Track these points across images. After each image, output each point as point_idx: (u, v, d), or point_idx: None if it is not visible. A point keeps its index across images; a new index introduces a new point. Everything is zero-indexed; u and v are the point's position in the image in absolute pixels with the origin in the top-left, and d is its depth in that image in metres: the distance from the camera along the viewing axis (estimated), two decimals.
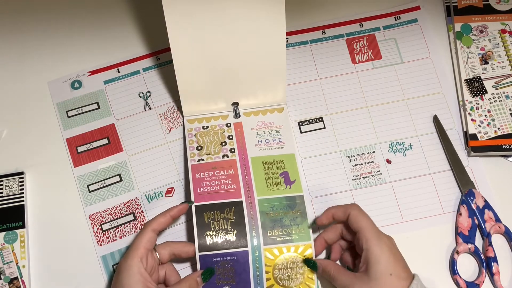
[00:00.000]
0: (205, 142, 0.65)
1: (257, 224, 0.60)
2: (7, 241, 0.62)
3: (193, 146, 0.65)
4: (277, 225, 0.60)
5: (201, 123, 0.67)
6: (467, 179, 0.64)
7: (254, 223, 0.60)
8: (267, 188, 0.62)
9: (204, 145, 0.65)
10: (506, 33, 0.70)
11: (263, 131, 0.66)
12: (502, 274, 0.60)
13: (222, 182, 0.62)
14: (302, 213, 0.61)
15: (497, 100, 0.67)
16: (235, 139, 0.65)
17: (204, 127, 0.66)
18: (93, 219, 0.64)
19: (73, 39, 0.72)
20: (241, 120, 0.67)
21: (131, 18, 0.73)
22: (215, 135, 0.66)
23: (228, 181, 0.62)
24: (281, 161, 0.64)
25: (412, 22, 0.73)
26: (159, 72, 0.70)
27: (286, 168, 0.63)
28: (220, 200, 0.61)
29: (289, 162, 0.64)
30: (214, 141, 0.65)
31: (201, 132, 0.66)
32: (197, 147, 0.65)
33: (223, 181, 0.62)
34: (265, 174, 0.63)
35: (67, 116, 0.69)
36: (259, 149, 0.65)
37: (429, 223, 0.63)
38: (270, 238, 0.59)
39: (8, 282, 0.61)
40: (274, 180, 0.63)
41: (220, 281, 0.58)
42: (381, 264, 0.52)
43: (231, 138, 0.65)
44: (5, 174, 0.65)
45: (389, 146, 0.67)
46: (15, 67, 0.71)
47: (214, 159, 0.64)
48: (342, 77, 0.70)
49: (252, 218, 0.60)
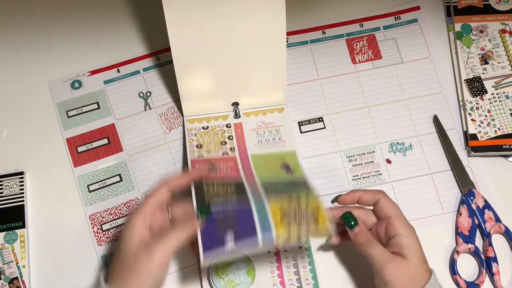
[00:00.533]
0: (205, 141, 0.65)
1: (259, 192, 0.56)
2: (7, 241, 0.62)
3: (193, 145, 0.64)
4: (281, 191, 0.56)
5: (201, 123, 0.67)
6: (467, 179, 0.64)
7: (256, 191, 0.56)
8: (269, 177, 0.60)
9: (204, 144, 0.65)
10: (506, 33, 0.70)
11: (263, 131, 0.66)
12: (502, 274, 0.60)
13: (222, 172, 0.61)
14: (308, 192, 0.56)
15: (497, 100, 0.67)
16: (235, 139, 0.65)
17: (204, 127, 0.66)
18: (93, 219, 0.64)
19: (73, 39, 0.72)
20: (241, 120, 0.67)
21: (131, 18, 0.74)
22: (215, 135, 0.66)
23: (228, 171, 0.61)
24: (282, 157, 0.63)
25: (412, 22, 0.73)
26: (159, 72, 0.70)
27: (287, 161, 0.63)
28: (219, 180, 0.58)
29: (290, 157, 0.63)
30: (214, 140, 0.65)
31: (201, 132, 0.66)
32: (197, 145, 0.65)
33: (223, 171, 0.61)
34: (266, 167, 0.62)
35: (67, 116, 0.69)
36: (259, 148, 0.65)
37: (429, 223, 0.63)
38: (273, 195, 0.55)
39: (8, 282, 0.61)
40: (275, 172, 0.61)
41: (221, 230, 0.51)
42: (417, 250, 0.53)
43: (231, 139, 0.65)
44: (5, 174, 0.65)
45: (389, 146, 0.67)
46: (15, 67, 0.71)
47: (214, 156, 0.64)
48: (342, 77, 0.70)
49: (253, 189, 0.56)
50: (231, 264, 0.61)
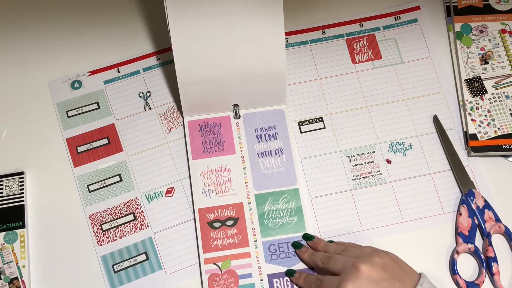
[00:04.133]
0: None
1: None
2: (7, 241, 0.62)
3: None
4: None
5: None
6: (467, 179, 0.64)
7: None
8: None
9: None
10: (506, 33, 0.70)
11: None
12: (502, 274, 0.60)
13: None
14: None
15: (497, 100, 0.67)
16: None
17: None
18: (93, 219, 0.64)
19: (73, 39, 0.72)
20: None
21: (131, 18, 0.73)
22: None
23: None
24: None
25: (412, 22, 0.73)
26: (159, 72, 0.70)
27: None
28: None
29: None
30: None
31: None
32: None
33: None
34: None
35: (67, 116, 0.69)
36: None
37: (429, 223, 0.63)
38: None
39: (8, 282, 0.61)
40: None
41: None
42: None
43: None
44: (5, 174, 0.65)
45: (389, 146, 0.67)
46: (15, 67, 0.71)
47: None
48: (342, 77, 0.70)
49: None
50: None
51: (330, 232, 0.63)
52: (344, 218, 0.64)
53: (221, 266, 0.61)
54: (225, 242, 0.62)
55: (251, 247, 0.62)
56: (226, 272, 0.61)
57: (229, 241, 0.62)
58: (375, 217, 0.64)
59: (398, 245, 0.62)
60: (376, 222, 0.63)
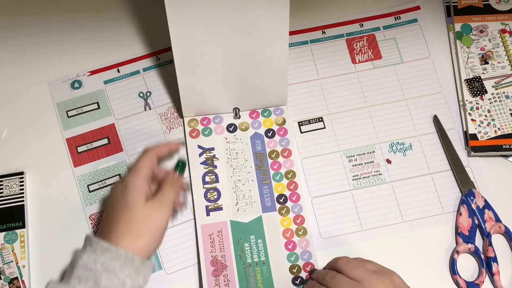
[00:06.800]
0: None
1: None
2: (7, 241, 0.62)
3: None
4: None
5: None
6: (467, 179, 0.64)
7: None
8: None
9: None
10: (506, 33, 0.70)
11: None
12: (502, 274, 0.60)
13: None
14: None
15: (497, 100, 0.67)
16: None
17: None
18: (93, 219, 0.64)
19: (73, 39, 0.72)
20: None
21: (131, 18, 0.74)
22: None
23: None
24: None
25: (412, 22, 0.73)
26: (159, 72, 0.70)
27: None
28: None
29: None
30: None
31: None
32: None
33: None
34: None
35: (67, 116, 0.69)
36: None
37: (429, 223, 0.63)
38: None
39: (8, 282, 0.61)
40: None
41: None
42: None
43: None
44: (5, 174, 0.65)
45: (389, 146, 0.67)
46: (15, 67, 0.71)
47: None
48: (342, 77, 0.70)
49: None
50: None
51: (330, 232, 0.63)
52: (344, 218, 0.64)
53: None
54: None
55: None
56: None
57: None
58: (375, 217, 0.64)
59: (398, 245, 0.62)
60: (376, 222, 0.63)
